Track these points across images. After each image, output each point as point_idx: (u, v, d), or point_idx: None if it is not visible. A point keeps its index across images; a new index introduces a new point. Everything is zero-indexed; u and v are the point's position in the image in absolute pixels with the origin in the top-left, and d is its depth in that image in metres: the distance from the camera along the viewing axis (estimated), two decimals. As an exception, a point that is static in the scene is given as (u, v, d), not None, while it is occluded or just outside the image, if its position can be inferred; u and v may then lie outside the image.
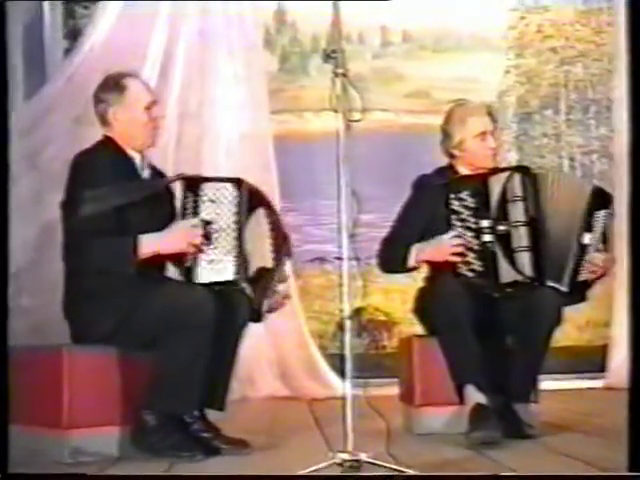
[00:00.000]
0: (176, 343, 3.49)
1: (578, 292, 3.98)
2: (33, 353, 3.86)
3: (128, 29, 5.65)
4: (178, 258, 3.62)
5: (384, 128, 6.04)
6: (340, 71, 3.08)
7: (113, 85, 3.84)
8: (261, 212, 3.82)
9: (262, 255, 3.79)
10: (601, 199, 4.04)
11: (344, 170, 3.03)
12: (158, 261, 3.62)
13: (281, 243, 3.86)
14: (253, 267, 3.76)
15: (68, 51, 5.94)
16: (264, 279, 3.78)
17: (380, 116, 6.05)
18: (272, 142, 5.79)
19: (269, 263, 3.81)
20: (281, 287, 3.89)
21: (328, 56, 3.09)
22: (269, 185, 5.31)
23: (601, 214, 3.99)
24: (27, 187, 5.34)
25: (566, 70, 6.43)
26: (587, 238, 3.94)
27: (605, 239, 4.01)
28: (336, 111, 3.07)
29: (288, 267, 3.96)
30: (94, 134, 3.91)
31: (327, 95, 3.08)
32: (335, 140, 3.05)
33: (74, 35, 5.99)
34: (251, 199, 3.78)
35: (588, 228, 3.95)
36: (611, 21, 6.27)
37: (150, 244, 3.56)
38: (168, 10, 5.73)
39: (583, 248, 3.94)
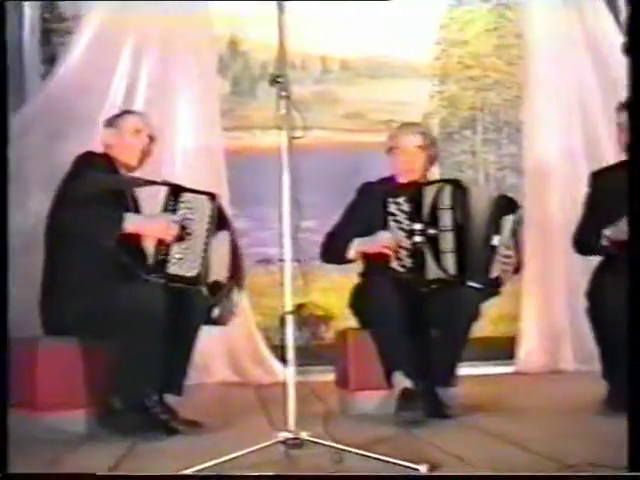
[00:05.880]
0: (133, 335, 3.48)
1: (492, 287, 4.01)
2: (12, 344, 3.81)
3: (97, 56, 5.58)
4: (154, 246, 3.67)
5: (323, 145, 6.02)
6: (284, 94, 3.07)
7: (114, 116, 4.08)
8: (226, 233, 3.88)
9: (219, 271, 3.83)
10: (506, 205, 4.07)
11: (287, 181, 3.03)
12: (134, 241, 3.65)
13: (237, 268, 3.92)
14: (211, 277, 3.80)
15: (45, 75, 5.85)
16: (218, 292, 3.82)
17: (320, 134, 6.04)
18: (224, 156, 5.77)
19: (225, 281, 3.86)
20: (231, 305, 3.92)
21: (274, 81, 3.09)
22: (221, 194, 5.27)
23: (507, 218, 4.02)
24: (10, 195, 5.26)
25: (483, 96, 6.46)
26: (496, 240, 3.98)
27: (515, 241, 4.04)
28: (280, 129, 3.06)
29: (237, 296, 3.98)
30: (67, 149, 3.89)
31: (273, 115, 3.08)
32: (280, 154, 3.04)
33: (50, 60, 5.90)
34: (221, 217, 3.90)
35: (496, 231, 3.98)
36: (521, 55, 6.32)
37: (135, 223, 3.62)
38: (133, 40, 5.67)
39: (493, 249, 3.96)
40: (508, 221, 4.03)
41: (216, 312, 3.84)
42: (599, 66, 6.01)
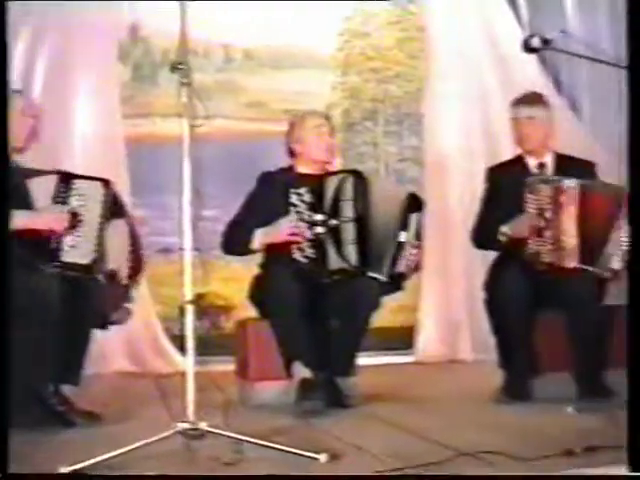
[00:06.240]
0: (29, 325, 3.41)
1: (396, 282, 4.06)
2: None
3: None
4: (46, 237, 3.61)
5: (225, 133, 5.98)
6: (186, 81, 3.04)
7: None
8: (122, 221, 3.83)
9: (117, 259, 3.78)
10: (414, 203, 4.12)
11: (188, 170, 3.00)
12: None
13: (137, 256, 3.87)
14: (108, 265, 3.74)
15: None
16: (116, 285, 3.77)
17: (222, 123, 5.99)
18: (124, 144, 5.68)
19: (123, 271, 3.79)
20: (129, 304, 3.88)
21: (175, 68, 3.06)
22: (121, 182, 5.19)
23: (414, 216, 4.08)
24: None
25: (384, 88, 6.50)
26: (403, 236, 4.02)
27: (418, 237, 4.09)
28: (182, 117, 3.03)
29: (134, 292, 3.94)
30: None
31: (174, 102, 3.04)
32: (181, 143, 3.02)
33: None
34: (116, 203, 3.83)
35: (403, 227, 4.03)
36: (422, 48, 6.38)
37: (23, 219, 3.53)
38: (32, 23, 5.54)
39: (400, 245, 4.01)
40: (415, 218, 4.08)
41: (114, 316, 3.80)
42: (499, 62, 6.11)
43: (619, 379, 3.87)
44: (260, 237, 4.04)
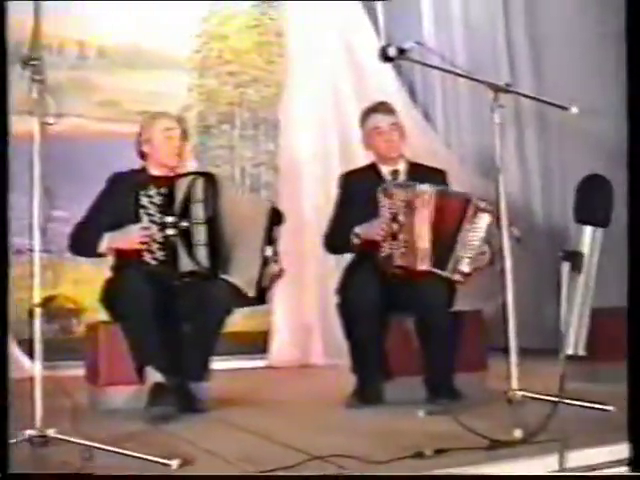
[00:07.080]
0: None
1: (262, 296, 4.04)
2: None
3: None
4: None
5: (77, 132, 5.86)
6: (38, 78, 2.96)
7: None
8: None
9: None
10: (277, 216, 4.12)
11: (37, 169, 2.92)
12: None
13: None
14: None
15: None
16: None
17: (74, 121, 5.86)
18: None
19: None
20: None
21: (26, 63, 2.97)
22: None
23: (277, 229, 4.08)
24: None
25: (241, 92, 6.51)
26: (269, 251, 4.02)
27: (275, 251, 4.10)
28: (32, 114, 2.94)
29: None
30: None
31: (25, 99, 2.95)
32: (31, 141, 2.93)
33: None
34: None
35: (268, 242, 4.02)
36: (281, 53, 6.41)
37: None
38: None
39: (266, 259, 4.00)
40: (278, 232, 4.09)
41: None
42: (355, 70, 6.20)
43: (467, 382, 4.00)
44: (108, 241, 3.95)
